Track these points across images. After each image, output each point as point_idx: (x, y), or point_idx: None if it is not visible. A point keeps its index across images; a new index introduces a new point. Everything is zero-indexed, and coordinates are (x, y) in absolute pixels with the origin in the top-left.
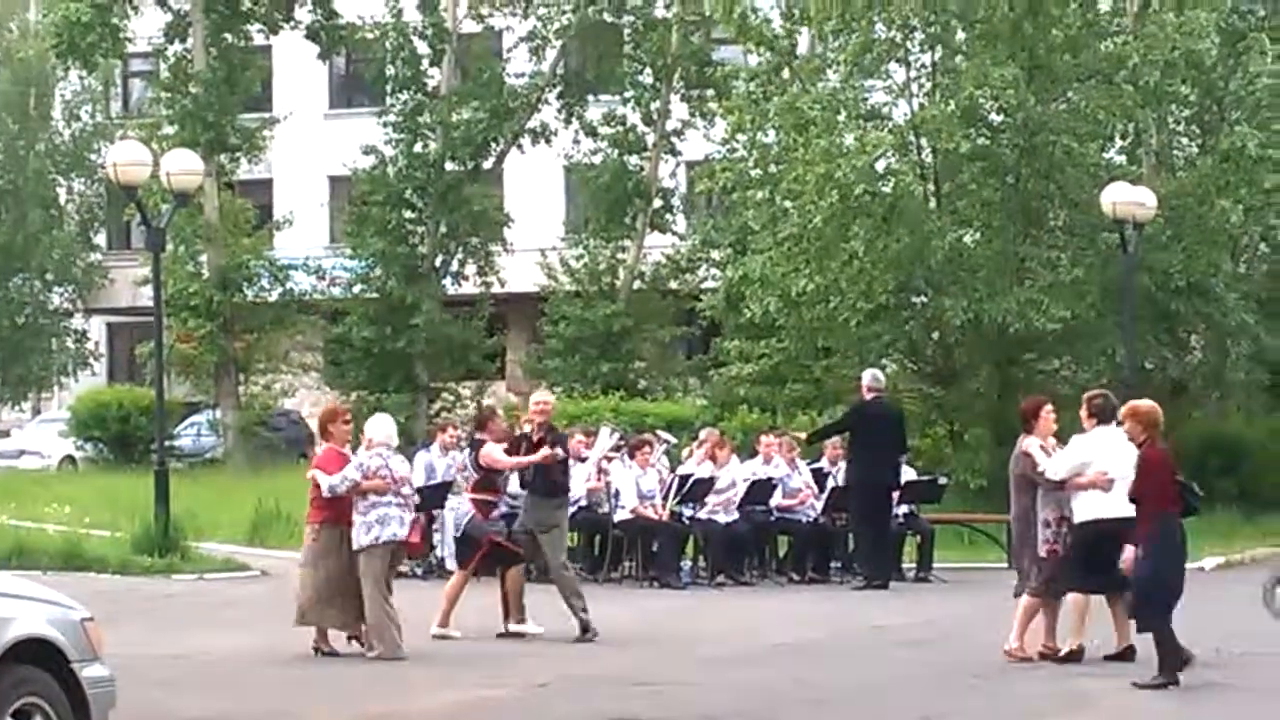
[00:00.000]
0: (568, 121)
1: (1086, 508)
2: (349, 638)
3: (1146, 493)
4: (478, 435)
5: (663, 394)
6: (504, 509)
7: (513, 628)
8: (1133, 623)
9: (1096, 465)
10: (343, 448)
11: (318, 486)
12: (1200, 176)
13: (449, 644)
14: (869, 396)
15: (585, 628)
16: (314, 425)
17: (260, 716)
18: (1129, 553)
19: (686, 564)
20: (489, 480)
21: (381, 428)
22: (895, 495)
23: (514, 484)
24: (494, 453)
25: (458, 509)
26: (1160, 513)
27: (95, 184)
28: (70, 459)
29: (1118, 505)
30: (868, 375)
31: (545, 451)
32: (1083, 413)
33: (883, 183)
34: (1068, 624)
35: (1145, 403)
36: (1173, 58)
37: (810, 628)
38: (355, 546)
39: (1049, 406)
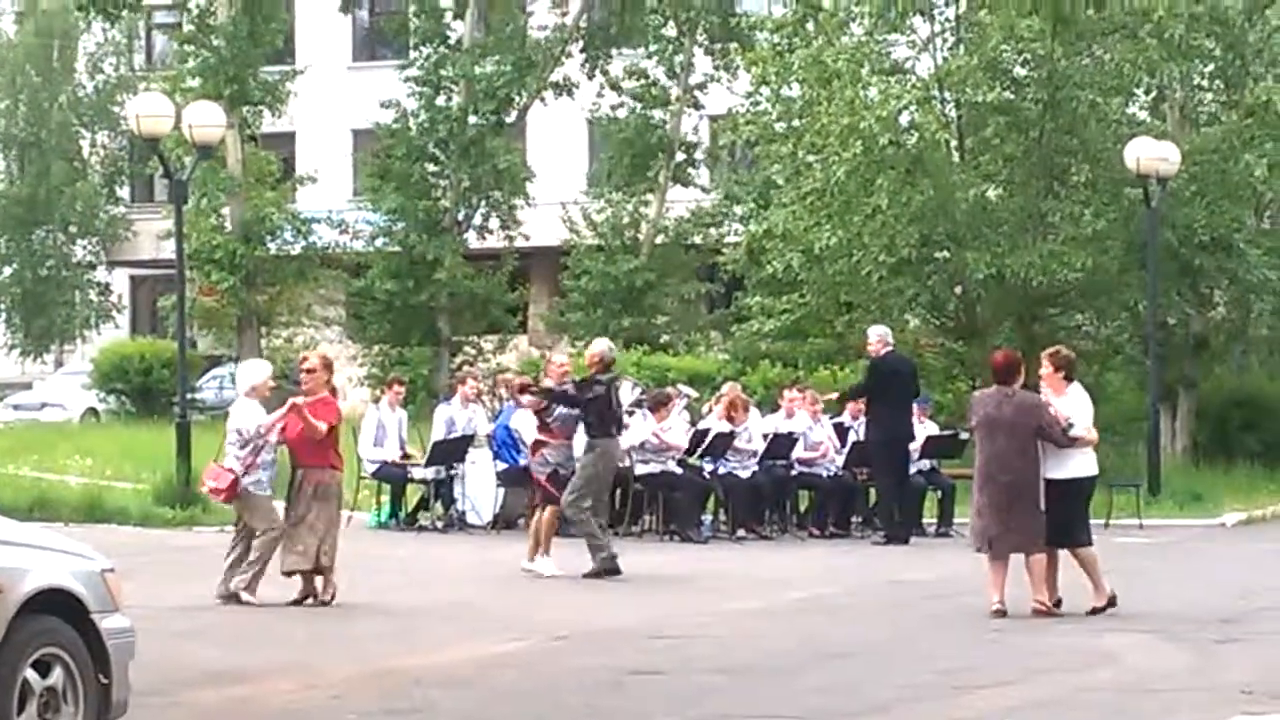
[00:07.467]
0: (591, 75)
1: (1083, 464)
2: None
3: None
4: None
5: (684, 349)
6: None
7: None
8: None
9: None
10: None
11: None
12: (1224, 131)
13: (470, 597)
14: (882, 352)
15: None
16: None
17: (279, 669)
18: None
19: (707, 518)
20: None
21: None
22: (914, 449)
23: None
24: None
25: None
26: None
27: (118, 137)
28: (92, 411)
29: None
30: (874, 332)
31: None
32: (1049, 369)
33: (907, 135)
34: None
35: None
36: (1197, 11)
37: (831, 582)
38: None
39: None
